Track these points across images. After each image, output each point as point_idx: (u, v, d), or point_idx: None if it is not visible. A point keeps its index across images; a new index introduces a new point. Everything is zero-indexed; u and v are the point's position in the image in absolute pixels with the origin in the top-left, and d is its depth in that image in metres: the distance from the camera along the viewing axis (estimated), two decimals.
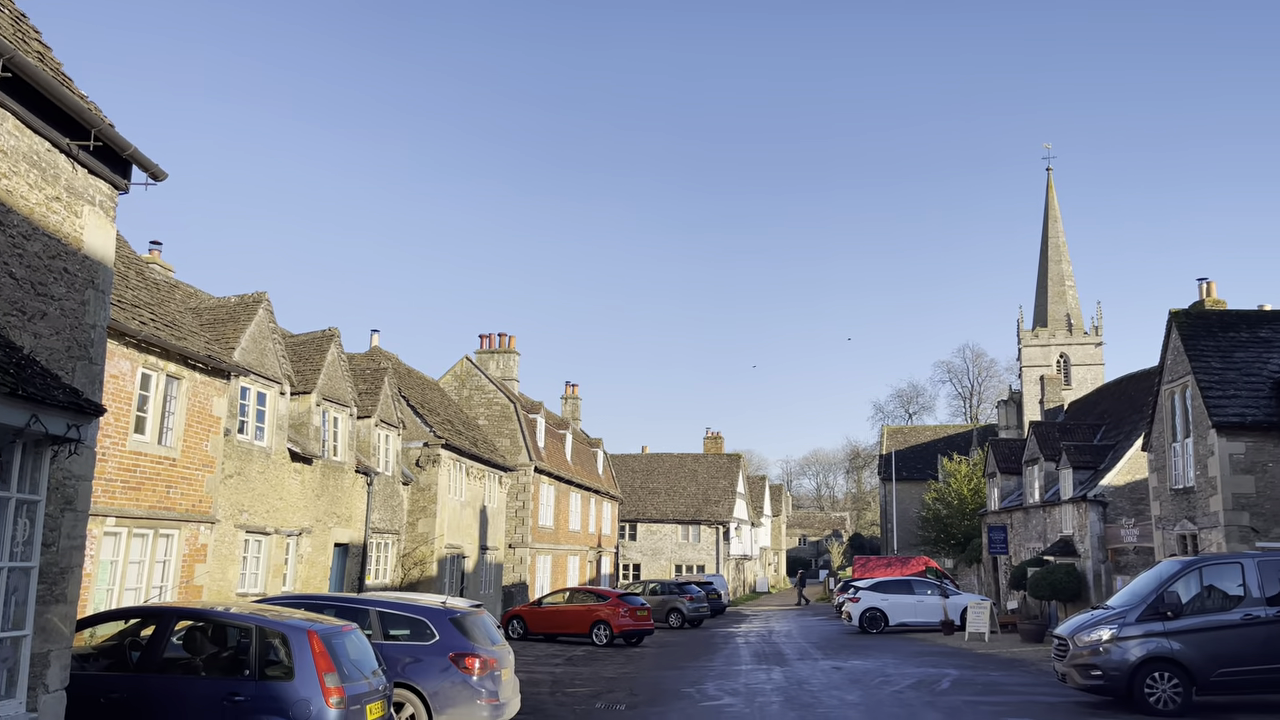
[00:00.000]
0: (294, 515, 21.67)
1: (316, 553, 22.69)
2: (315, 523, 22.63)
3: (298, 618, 10.17)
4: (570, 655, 24.72)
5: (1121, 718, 14.13)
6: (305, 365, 23.23)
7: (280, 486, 21.09)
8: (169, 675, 9.74)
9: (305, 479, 22.16)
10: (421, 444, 29.70)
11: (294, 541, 21.75)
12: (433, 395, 35.78)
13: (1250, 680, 14.17)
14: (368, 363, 31.01)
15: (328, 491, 23.28)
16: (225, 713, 9.25)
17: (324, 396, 23.20)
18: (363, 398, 26.21)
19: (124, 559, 15.56)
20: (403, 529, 28.48)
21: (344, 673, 9.63)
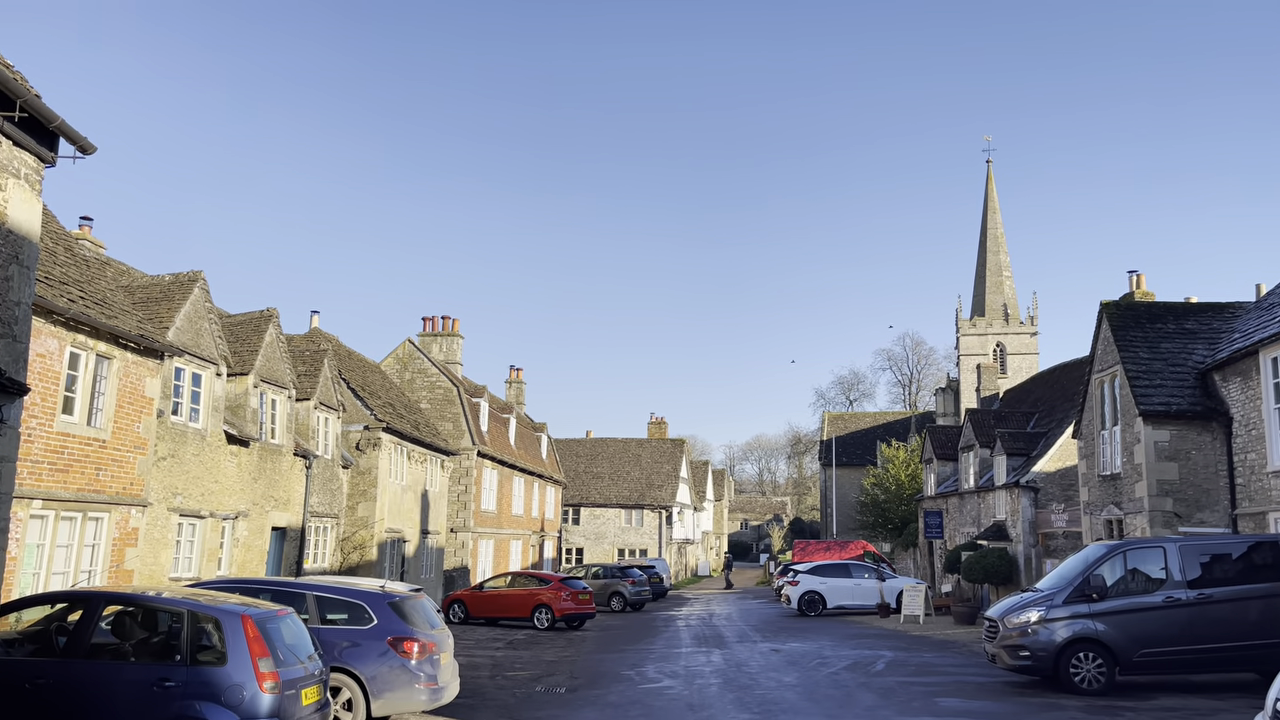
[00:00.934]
0: (230, 498, 21.30)
1: (253, 537, 22.34)
2: (252, 506, 22.26)
3: (232, 602, 10.02)
4: (512, 639, 24.71)
5: (1047, 697, 14.54)
6: (242, 346, 22.80)
7: (216, 469, 20.71)
8: (97, 661, 9.53)
9: (242, 462, 21.78)
10: (362, 427, 29.36)
11: (230, 525, 21.39)
12: (374, 378, 35.36)
13: (1171, 661, 14.66)
14: (307, 344, 30.53)
15: (265, 474, 22.91)
16: (155, 698, 9.08)
17: (261, 378, 22.80)
18: (302, 379, 25.80)
19: (51, 543, 15.17)
20: (342, 513, 28.16)
21: (279, 657, 9.52)
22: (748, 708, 13.98)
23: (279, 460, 23.65)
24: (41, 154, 10.01)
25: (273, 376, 23.35)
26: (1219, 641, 14.44)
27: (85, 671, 9.39)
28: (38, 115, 9.56)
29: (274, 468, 23.37)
